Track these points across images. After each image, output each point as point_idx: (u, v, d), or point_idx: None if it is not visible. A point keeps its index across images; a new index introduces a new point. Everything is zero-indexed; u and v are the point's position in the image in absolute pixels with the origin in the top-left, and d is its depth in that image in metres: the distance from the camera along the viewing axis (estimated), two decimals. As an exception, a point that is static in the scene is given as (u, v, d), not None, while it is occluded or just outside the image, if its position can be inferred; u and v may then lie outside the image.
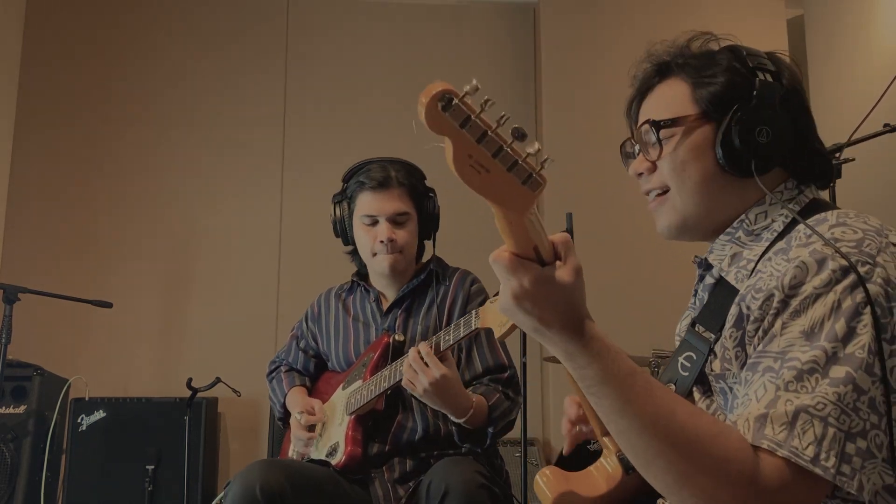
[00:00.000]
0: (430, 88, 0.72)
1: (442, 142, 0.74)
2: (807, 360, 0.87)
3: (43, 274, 3.54)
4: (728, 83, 1.07)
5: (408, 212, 1.98)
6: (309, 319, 2.19)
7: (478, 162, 0.74)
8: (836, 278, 0.90)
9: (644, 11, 3.80)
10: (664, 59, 1.15)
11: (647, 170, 1.12)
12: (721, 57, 1.10)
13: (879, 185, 2.95)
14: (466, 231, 2.78)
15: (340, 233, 2.07)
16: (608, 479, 1.07)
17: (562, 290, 0.83)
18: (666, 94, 1.13)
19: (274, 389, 2.19)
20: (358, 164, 2.04)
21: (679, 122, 1.08)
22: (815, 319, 0.89)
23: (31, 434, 3.06)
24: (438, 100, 0.72)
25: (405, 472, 1.88)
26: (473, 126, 0.73)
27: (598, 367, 0.85)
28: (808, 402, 0.85)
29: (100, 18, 3.95)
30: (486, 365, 1.94)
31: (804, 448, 0.84)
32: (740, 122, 1.04)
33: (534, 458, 3.29)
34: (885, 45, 3.11)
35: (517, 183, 0.76)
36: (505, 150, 0.75)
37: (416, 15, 4.10)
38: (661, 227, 1.14)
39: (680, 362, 1.11)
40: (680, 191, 1.09)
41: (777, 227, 1.05)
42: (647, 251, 3.44)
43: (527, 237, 0.81)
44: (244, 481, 1.66)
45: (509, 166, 0.75)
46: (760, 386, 0.90)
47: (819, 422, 0.84)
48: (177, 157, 3.87)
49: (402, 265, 2.00)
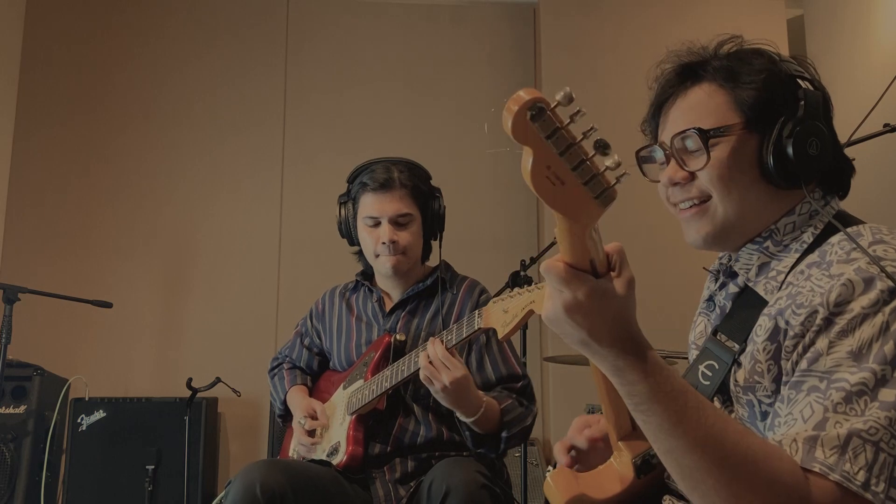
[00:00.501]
0: (521, 96, 0.69)
1: (519, 148, 0.71)
2: (855, 382, 0.86)
3: (43, 274, 3.54)
4: (769, 90, 1.04)
5: (410, 213, 1.96)
6: (313, 317, 2.19)
7: (555, 174, 0.72)
8: (885, 299, 0.89)
9: (644, 12, 3.80)
10: (692, 60, 1.11)
11: (684, 179, 1.08)
12: (757, 61, 1.07)
13: (879, 185, 2.95)
14: (473, 231, 2.78)
15: (346, 233, 2.06)
16: (619, 482, 1.07)
17: (615, 303, 0.81)
18: (703, 100, 1.08)
19: (275, 386, 2.19)
20: (362, 164, 2.03)
21: (727, 130, 1.04)
22: (864, 340, 0.88)
23: (31, 434, 3.05)
24: (529, 108, 0.69)
25: (406, 472, 1.88)
26: (560, 138, 0.71)
27: (649, 384, 0.83)
28: (860, 427, 0.85)
29: (100, 19, 3.95)
30: (499, 374, 1.91)
31: (855, 473, 0.83)
32: (793, 133, 1.01)
33: (534, 459, 3.29)
34: (884, 45, 3.11)
35: (590, 197, 0.74)
36: (585, 164, 0.72)
37: (416, 15, 4.10)
38: (696, 237, 1.09)
39: (701, 370, 1.09)
40: (724, 200, 1.05)
41: (807, 239, 1.03)
42: (648, 251, 3.44)
43: (585, 249, 0.79)
44: (245, 481, 1.66)
45: (586, 180, 0.73)
46: (807, 406, 0.88)
47: (871, 447, 0.84)
48: (177, 156, 3.87)
49: (406, 266, 1.99)
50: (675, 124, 1.09)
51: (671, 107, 1.12)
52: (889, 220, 2.86)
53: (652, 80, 1.15)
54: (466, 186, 3.76)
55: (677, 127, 1.08)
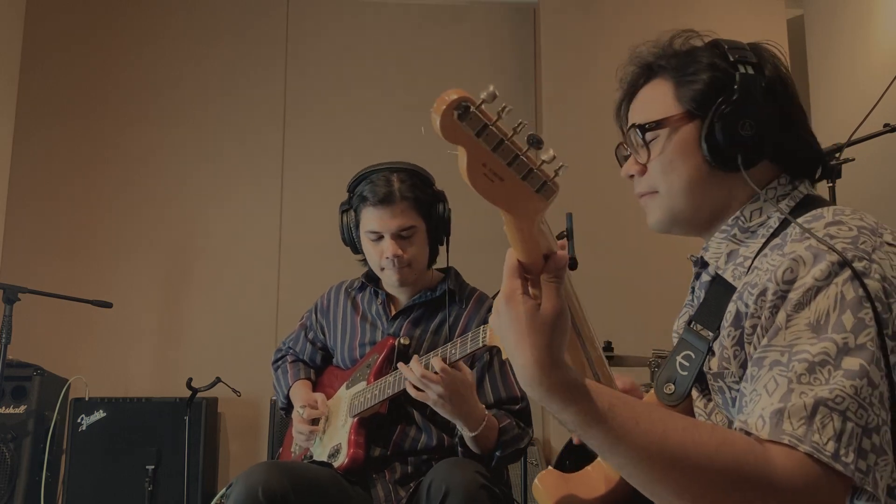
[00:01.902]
0: (445, 97, 0.70)
1: (454, 150, 0.72)
2: (817, 353, 0.86)
3: (43, 274, 3.54)
4: (710, 79, 1.07)
5: (414, 225, 1.92)
6: (318, 311, 2.18)
7: (492, 170, 0.73)
8: (835, 270, 0.89)
9: (644, 11, 3.80)
10: (648, 60, 1.16)
11: (638, 172, 1.13)
12: (702, 54, 1.10)
13: (879, 185, 2.95)
14: (472, 231, 2.76)
15: (349, 243, 2.03)
16: (607, 480, 1.06)
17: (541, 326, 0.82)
18: (650, 96, 1.14)
19: (279, 379, 2.19)
20: (362, 173, 1.97)
21: (663, 123, 1.08)
22: (821, 311, 0.88)
23: (31, 434, 3.05)
24: (454, 108, 0.70)
25: (406, 473, 1.88)
26: (490, 135, 0.71)
27: (573, 412, 0.83)
28: (826, 395, 0.83)
29: (100, 19, 3.95)
30: (497, 396, 1.89)
31: (825, 443, 0.82)
32: (722, 116, 1.04)
33: (534, 459, 3.28)
34: (884, 45, 3.10)
35: (530, 191, 0.75)
36: (520, 159, 0.73)
37: (416, 15, 4.10)
38: (652, 222, 1.15)
39: (678, 361, 1.10)
40: (669, 192, 1.10)
41: (773, 224, 1.04)
42: (647, 251, 3.44)
43: (536, 244, 0.80)
44: (247, 482, 1.66)
45: (524, 175, 0.74)
46: (770, 380, 0.88)
47: (838, 416, 0.82)
48: (177, 156, 3.87)
49: (412, 277, 1.97)
50: (630, 121, 1.16)
51: (630, 104, 1.18)
52: (889, 220, 2.86)
53: (619, 81, 1.21)
54: (466, 186, 3.75)
55: (630, 123, 1.14)
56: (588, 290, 0.85)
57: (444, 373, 1.67)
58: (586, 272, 2.39)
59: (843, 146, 2.14)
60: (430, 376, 1.67)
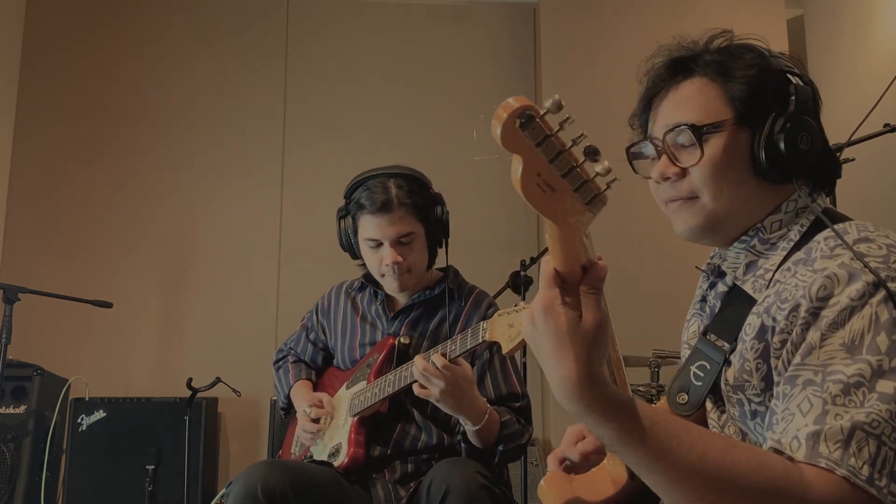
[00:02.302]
0: (509, 104, 0.69)
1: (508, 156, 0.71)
2: (852, 374, 0.86)
3: (43, 274, 3.54)
4: (760, 85, 1.04)
5: (412, 231, 1.91)
6: (319, 312, 2.18)
7: (545, 181, 0.72)
8: (870, 291, 0.88)
9: (644, 11, 3.80)
10: (683, 54, 1.10)
11: (676, 175, 1.06)
12: (748, 56, 1.06)
13: (879, 185, 2.95)
14: (472, 231, 2.76)
15: (347, 248, 2.02)
16: (613, 484, 1.06)
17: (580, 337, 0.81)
18: (694, 95, 1.07)
19: (280, 379, 2.19)
20: (357, 179, 1.95)
21: (719, 126, 1.03)
22: (856, 332, 0.88)
23: (31, 434, 3.06)
24: (518, 116, 0.69)
25: (406, 473, 1.88)
26: (549, 146, 0.70)
27: (611, 427, 0.82)
28: (862, 419, 0.84)
29: (100, 19, 3.95)
30: (498, 392, 1.89)
31: (860, 467, 0.82)
32: (784, 128, 1.01)
33: (534, 459, 3.29)
34: (884, 45, 3.11)
35: (580, 202, 0.74)
36: (575, 170, 0.72)
37: (416, 14, 4.10)
38: (684, 229, 1.08)
39: (693, 371, 1.08)
40: (714, 197, 1.04)
41: (793, 237, 1.03)
42: (647, 251, 3.44)
43: (576, 255, 0.79)
44: (246, 481, 1.66)
45: (577, 187, 0.73)
46: (804, 400, 0.88)
47: (874, 440, 0.83)
48: (177, 156, 3.87)
49: (412, 282, 1.97)
50: (666, 119, 1.08)
51: (662, 101, 1.10)
52: (889, 220, 2.86)
53: (642, 74, 1.13)
54: (466, 186, 3.75)
55: (669, 121, 1.07)
56: (588, 290, 0.85)
57: (446, 368, 1.67)
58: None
59: (843, 146, 2.14)
60: (432, 371, 1.68)
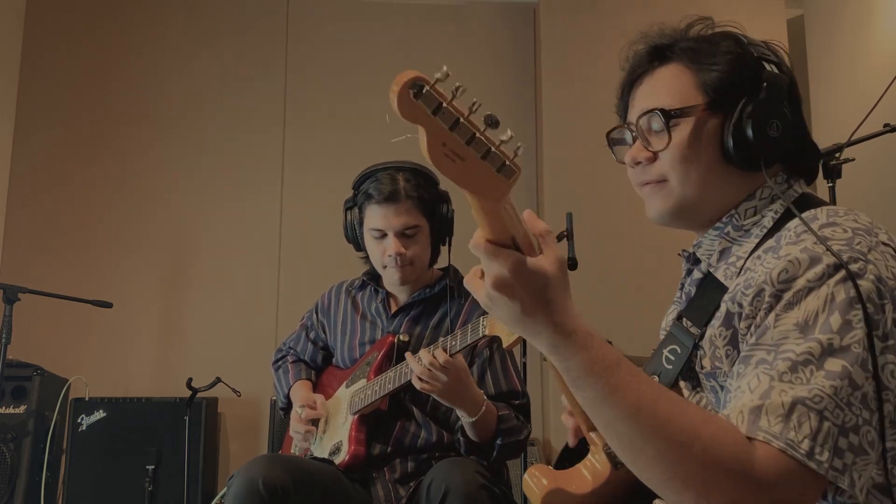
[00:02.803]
0: (402, 76, 0.72)
1: (415, 132, 0.74)
2: (801, 352, 0.86)
3: (43, 274, 3.54)
4: (734, 72, 1.05)
5: (417, 224, 1.94)
6: (318, 311, 2.19)
7: (452, 150, 0.74)
8: (829, 273, 0.89)
9: (644, 11, 3.80)
10: (662, 42, 1.12)
11: (647, 159, 1.08)
12: (724, 43, 1.08)
13: (879, 185, 2.95)
14: (472, 230, 2.77)
15: (352, 240, 2.04)
16: (596, 475, 1.07)
17: (544, 279, 0.82)
18: (668, 81, 1.09)
19: (279, 379, 2.19)
20: (367, 171, 1.98)
21: (688, 111, 1.05)
22: (809, 312, 0.88)
23: (31, 434, 3.05)
24: (410, 87, 0.72)
25: (406, 472, 1.88)
26: (446, 113, 0.73)
27: (583, 357, 0.84)
28: (804, 394, 0.84)
29: (99, 19, 3.95)
30: (499, 389, 1.91)
31: (800, 441, 0.83)
32: (753, 114, 1.02)
33: (534, 459, 3.29)
34: (884, 45, 3.11)
35: (492, 171, 0.75)
36: (478, 138, 0.74)
37: (416, 15, 4.10)
38: (655, 213, 1.11)
39: (664, 355, 1.10)
40: (682, 182, 1.06)
41: (766, 224, 1.04)
42: (647, 251, 3.44)
43: (503, 226, 0.80)
44: (247, 475, 1.66)
45: (483, 154, 0.75)
46: (754, 377, 0.89)
47: (815, 415, 0.84)
48: (177, 156, 3.87)
49: (414, 276, 1.99)
50: (640, 104, 1.10)
51: (638, 87, 1.13)
52: (889, 220, 2.86)
53: (623, 60, 1.16)
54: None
55: (642, 107, 1.09)
56: (588, 290, 0.85)
57: (448, 363, 1.69)
58: (586, 272, 2.40)
59: (843, 146, 2.14)
60: (437, 366, 1.70)
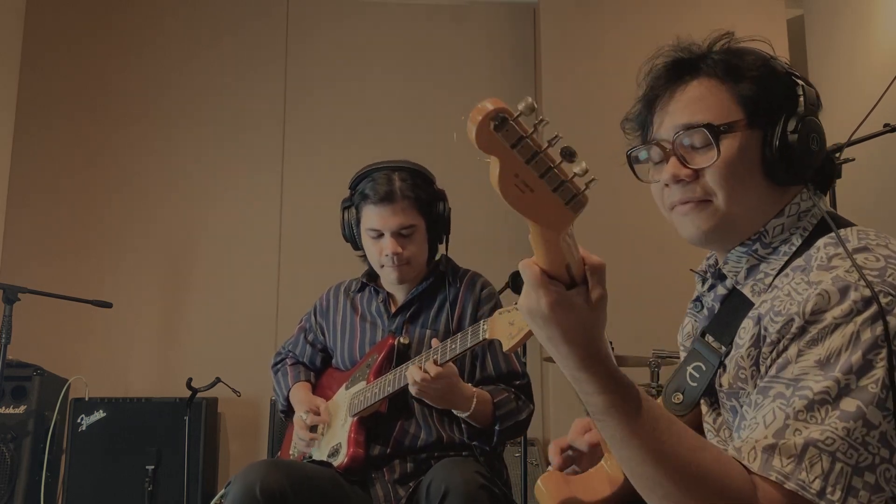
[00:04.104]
0: (483, 107, 0.70)
1: (487, 158, 0.72)
2: (819, 391, 0.87)
3: (43, 274, 3.54)
4: (769, 86, 1.03)
5: (413, 224, 1.95)
6: (317, 313, 2.19)
7: (523, 181, 0.73)
8: (858, 309, 0.88)
9: (644, 11, 3.80)
10: (687, 56, 1.08)
11: (689, 177, 1.03)
12: (752, 58, 1.05)
13: (879, 185, 2.95)
14: (473, 230, 2.77)
15: (350, 239, 2.06)
16: (610, 483, 1.06)
17: (581, 316, 0.82)
18: (705, 95, 1.04)
19: (279, 381, 2.19)
20: (363, 170, 1.99)
21: (734, 127, 1.02)
22: (832, 350, 0.88)
23: (31, 434, 3.06)
24: (492, 119, 0.70)
25: (405, 472, 1.88)
26: (525, 147, 0.71)
27: (605, 398, 0.85)
28: (817, 437, 0.85)
29: (99, 18, 3.95)
30: (499, 371, 1.93)
31: (811, 482, 0.84)
32: (797, 129, 1.00)
33: (534, 459, 3.28)
34: (884, 45, 3.11)
35: (560, 203, 0.75)
36: (553, 171, 0.73)
37: (416, 15, 4.10)
38: (696, 232, 1.05)
39: (689, 372, 1.08)
40: (729, 199, 1.02)
41: (795, 242, 1.02)
42: (647, 251, 3.44)
43: (560, 256, 0.80)
44: (244, 481, 1.66)
45: (555, 187, 0.74)
46: (770, 412, 0.89)
47: (827, 456, 0.85)
48: (177, 156, 3.87)
49: (411, 275, 2.00)
50: (675, 119, 1.05)
51: (669, 102, 1.07)
52: (889, 219, 2.86)
53: (643, 75, 1.12)
54: (466, 186, 3.74)
55: (679, 122, 1.05)
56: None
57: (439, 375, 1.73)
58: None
59: (843, 146, 2.13)
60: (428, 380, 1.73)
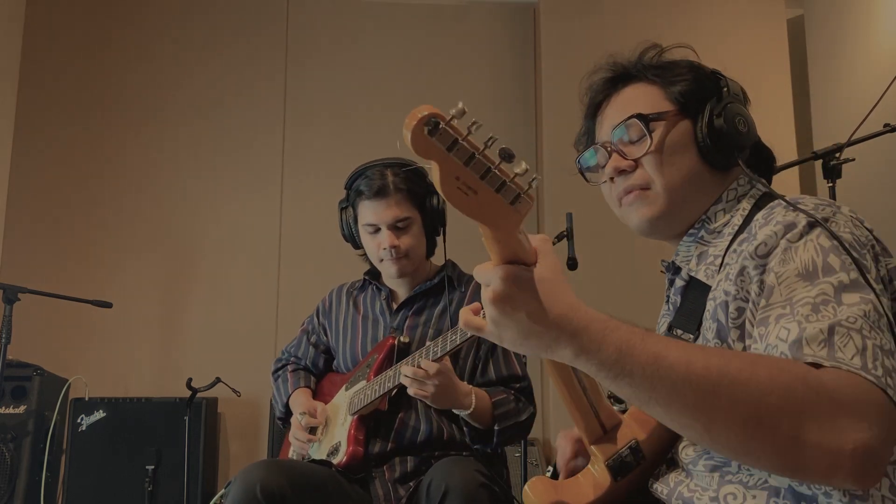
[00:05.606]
0: (416, 113, 0.72)
1: (429, 163, 0.73)
2: (816, 295, 0.87)
3: (43, 274, 3.54)
4: (695, 81, 1.13)
5: (409, 216, 1.98)
6: (320, 313, 2.20)
7: (465, 184, 0.74)
8: (806, 230, 0.93)
9: (644, 12, 3.80)
10: (622, 66, 1.19)
11: (630, 167, 1.12)
12: (681, 63, 1.16)
13: (879, 185, 2.95)
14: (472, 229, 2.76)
15: (349, 238, 2.09)
16: (596, 487, 1.06)
17: (540, 283, 0.81)
18: (637, 96, 1.14)
19: (279, 388, 2.19)
20: (357, 169, 2.04)
21: (663, 116, 1.10)
22: (806, 261, 0.90)
23: (31, 434, 3.06)
24: (424, 124, 0.71)
25: (406, 471, 1.88)
26: (461, 149, 0.73)
27: (611, 341, 0.82)
28: (840, 318, 0.83)
29: (100, 20, 3.95)
30: (500, 374, 1.95)
31: (850, 359, 0.80)
32: (722, 112, 1.08)
33: (534, 459, 3.28)
34: (885, 45, 3.11)
35: (505, 203, 0.76)
36: (493, 172, 0.74)
37: (416, 15, 4.10)
38: (639, 220, 1.13)
39: None
40: (666, 186, 1.09)
41: (736, 222, 1.07)
42: (646, 252, 3.43)
43: (514, 255, 0.81)
44: (245, 481, 1.66)
45: (497, 187, 0.75)
46: (780, 329, 0.87)
47: (856, 333, 0.82)
48: (177, 157, 3.87)
49: (411, 268, 2.02)
50: (612, 120, 1.15)
51: (606, 107, 1.18)
52: (889, 219, 2.86)
53: (584, 91, 1.23)
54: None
55: (615, 121, 1.14)
56: (587, 290, 0.85)
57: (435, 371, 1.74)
58: (585, 272, 2.40)
59: (843, 146, 2.14)
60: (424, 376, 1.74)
